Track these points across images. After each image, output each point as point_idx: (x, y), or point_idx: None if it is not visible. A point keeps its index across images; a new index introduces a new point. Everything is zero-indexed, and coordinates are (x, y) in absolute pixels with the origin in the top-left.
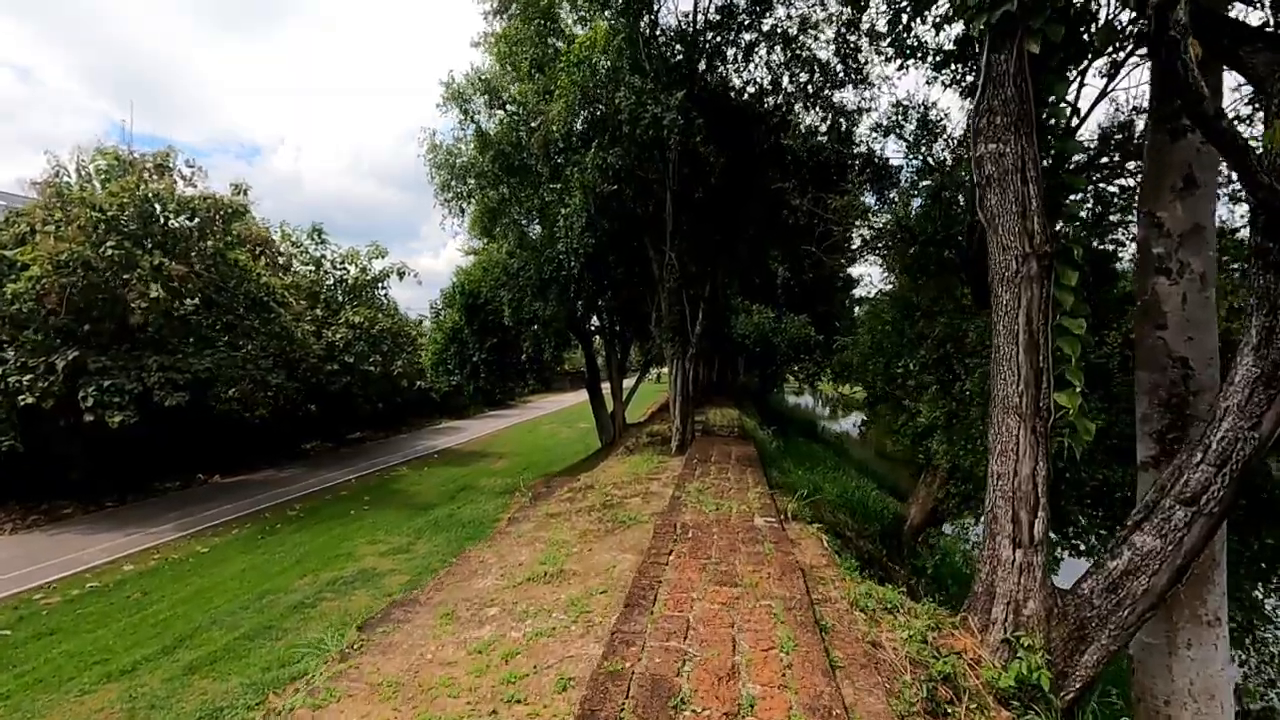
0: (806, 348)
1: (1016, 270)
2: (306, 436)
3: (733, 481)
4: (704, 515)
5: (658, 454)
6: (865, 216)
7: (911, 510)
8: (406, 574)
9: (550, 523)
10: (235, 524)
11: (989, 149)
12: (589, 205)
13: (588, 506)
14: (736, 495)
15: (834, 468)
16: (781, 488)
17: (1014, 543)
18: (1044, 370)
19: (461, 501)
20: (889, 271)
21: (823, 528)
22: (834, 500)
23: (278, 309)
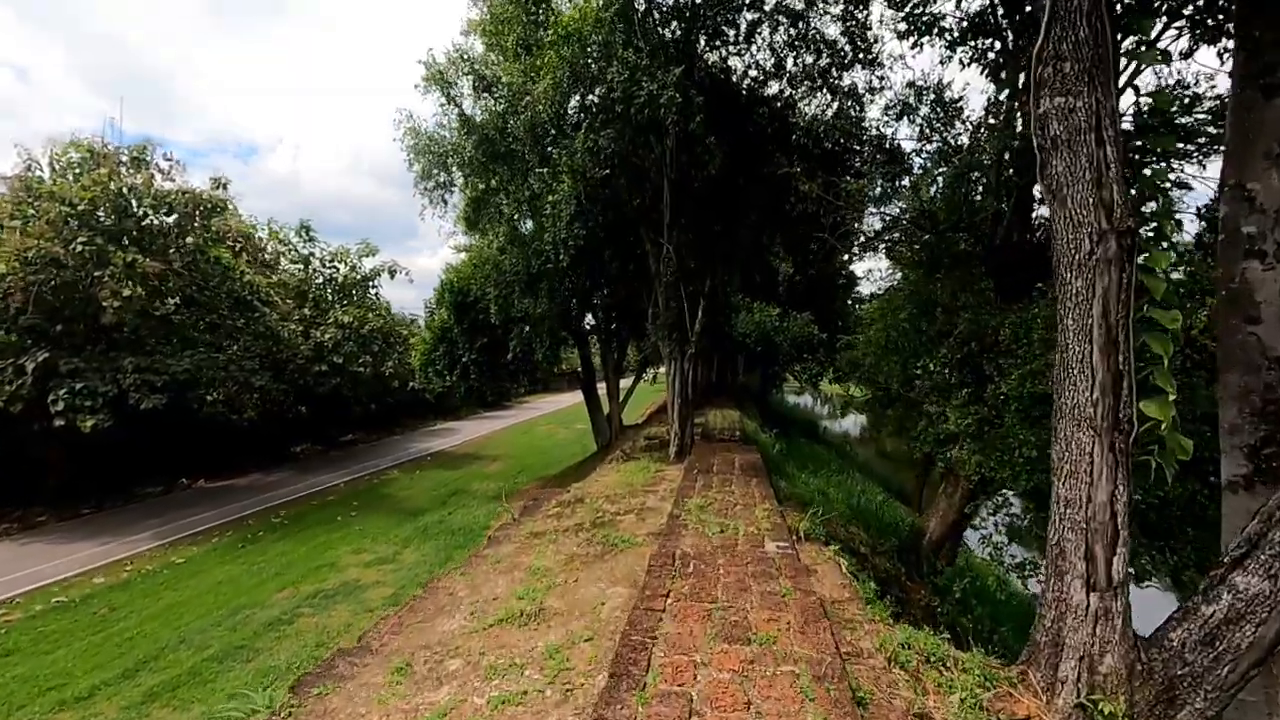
0: (810, 347)
1: (1090, 251)
2: (296, 439)
3: (737, 495)
4: (707, 540)
5: (655, 461)
6: (881, 202)
7: (931, 523)
8: (391, 586)
9: (533, 544)
10: (216, 532)
11: (1055, 104)
12: (578, 192)
13: (576, 525)
14: (742, 512)
15: (839, 471)
16: (789, 500)
17: (1087, 584)
18: (1125, 374)
19: (453, 507)
20: (899, 266)
21: (839, 550)
22: (845, 513)
23: (262, 308)
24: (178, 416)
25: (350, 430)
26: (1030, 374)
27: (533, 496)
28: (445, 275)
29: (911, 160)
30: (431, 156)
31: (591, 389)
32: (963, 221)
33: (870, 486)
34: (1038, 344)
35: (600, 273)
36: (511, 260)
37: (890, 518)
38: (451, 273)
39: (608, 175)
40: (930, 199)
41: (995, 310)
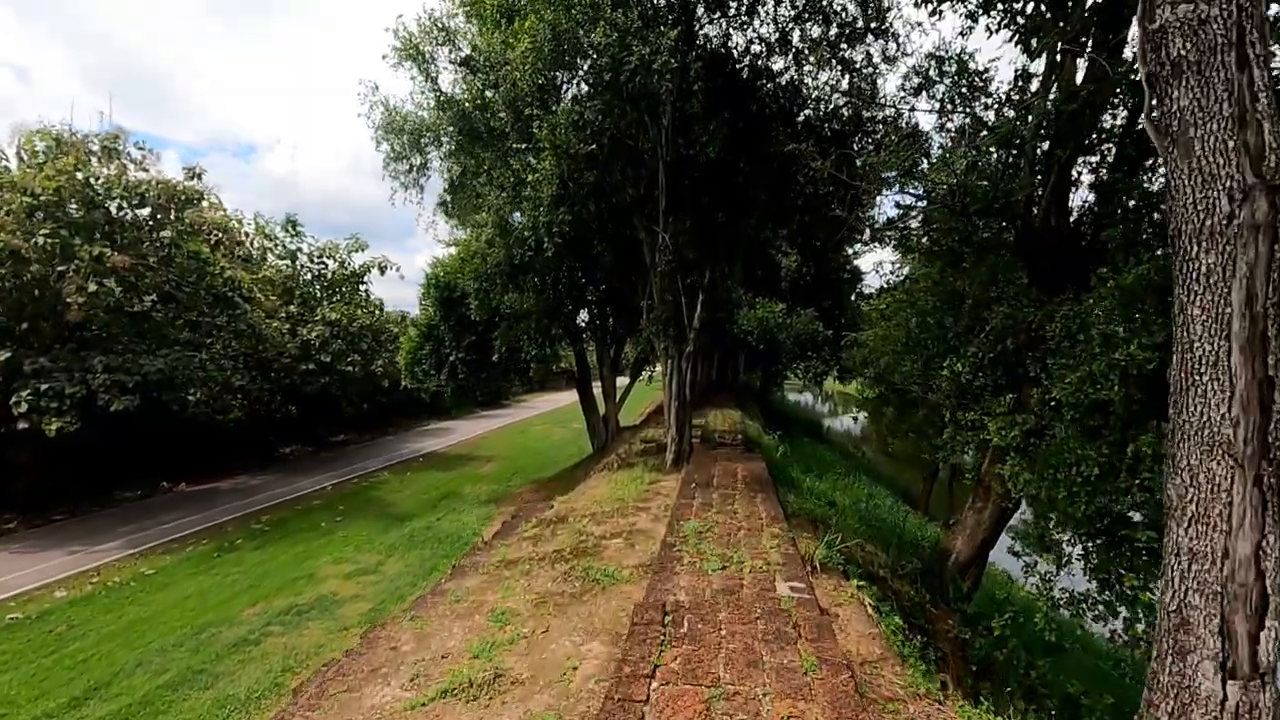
0: (814, 344)
1: (1229, 214)
2: (286, 439)
3: (740, 516)
4: (705, 580)
5: (650, 470)
6: (899, 182)
7: (957, 542)
8: (370, 601)
9: (503, 577)
10: (192, 539)
11: (1178, 14)
12: (561, 171)
13: (554, 552)
14: (747, 539)
15: (845, 474)
16: (798, 516)
17: (1222, 668)
18: (1277, 382)
19: (443, 511)
20: (916, 257)
21: (861, 583)
22: (858, 528)
23: (243, 304)
24: (160, 417)
25: (342, 430)
26: (1089, 377)
27: (524, 501)
28: (430, 270)
29: (930, 140)
30: (404, 136)
31: (587, 388)
32: (996, 203)
33: (878, 490)
34: (1096, 341)
35: (592, 265)
36: (494, 251)
37: (910, 534)
38: (438, 267)
39: (594, 153)
40: (964, 174)
41: (1035, 303)
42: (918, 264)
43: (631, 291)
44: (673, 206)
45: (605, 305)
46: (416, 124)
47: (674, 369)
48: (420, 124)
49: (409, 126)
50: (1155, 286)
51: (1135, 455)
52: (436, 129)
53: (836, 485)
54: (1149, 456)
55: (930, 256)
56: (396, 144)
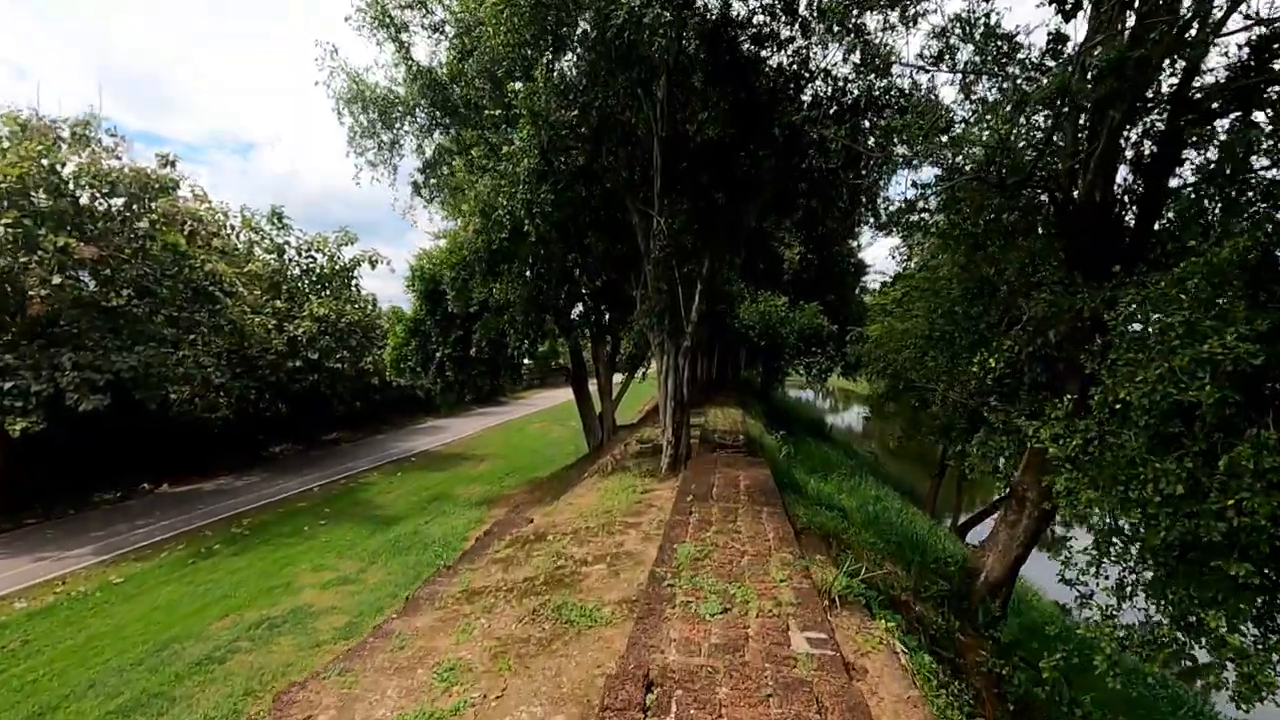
0: (818, 339)
1: None
2: (275, 438)
3: (744, 536)
4: (703, 630)
5: (644, 475)
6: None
7: (987, 560)
8: (347, 614)
9: (461, 614)
10: (168, 544)
11: None
12: (541, 141)
13: (525, 581)
14: (752, 568)
15: (850, 474)
16: (809, 532)
17: None
18: None
19: (432, 514)
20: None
21: (891, 623)
22: (874, 542)
23: (224, 299)
24: (142, 416)
25: (334, 429)
26: (1168, 374)
27: (516, 503)
28: (415, 262)
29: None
30: (373, 109)
31: (582, 386)
32: (1039, 172)
33: (886, 492)
34: (1178, 330)
35: (584, 254)
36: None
37: (933, 549)
38: (423, 258)
39: (579, 122)
40: (1004, 137)
41: (1079, 289)
42: (932, 251)
43: (626, 283)
44: (669, 188)
45: (600, 298)
46: (385, 96)
47: (670, 365)
48: (390, 97)
49: (377, 98)
50: (1255, 263)
51: (1230, 469)
52: (409, 102)
53: (842, 487)
54: (1249, 471)
55: (955, 240)
56: (363, 118)
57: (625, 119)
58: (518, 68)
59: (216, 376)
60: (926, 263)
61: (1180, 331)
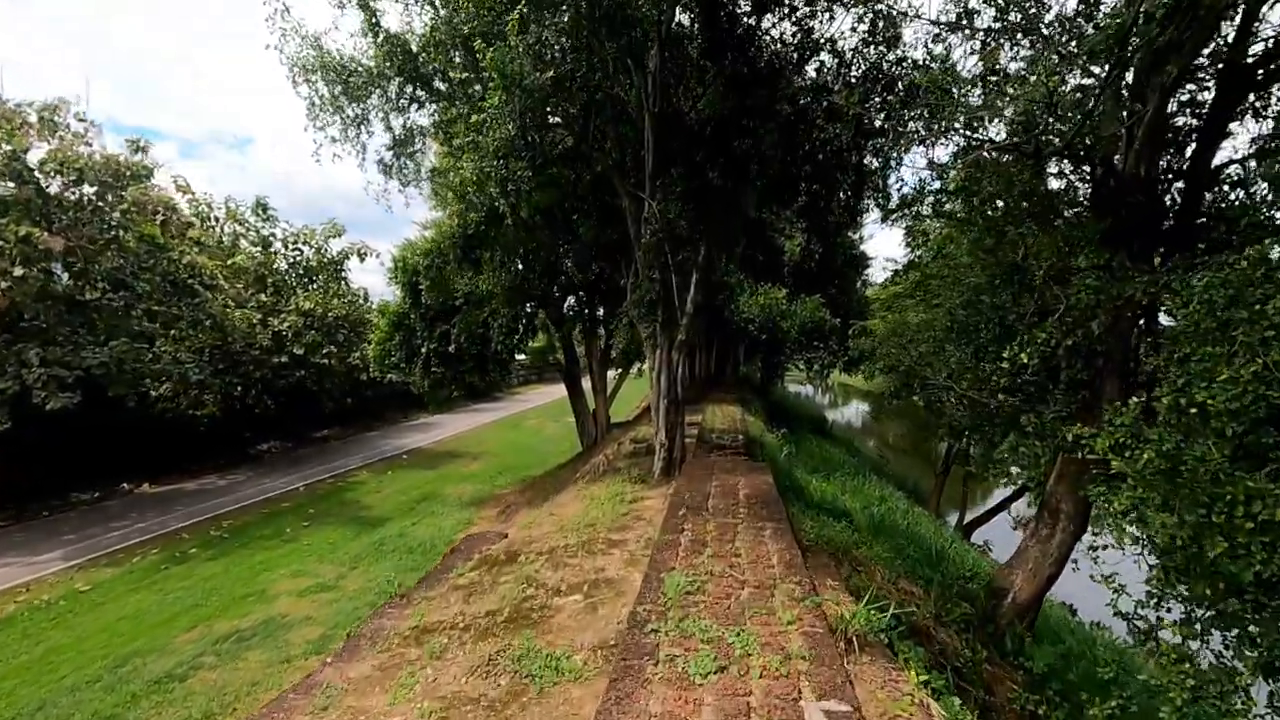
0: (821, 334)
1: None
2: (263, 436)
3: (744, 562)
4: (693, 699)
5: (634, 481)
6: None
7: (1014, 578)
8: (322, 625)
9: (405, 661)
10: (142, 548)
11: None
12: (513, 104)
13: (486, 616)
14: (754, 604)
15: (854, 473)
16: (817, 548)
17: None
18: None
19: (420, 515)
20: (950, 224)
21: (922, 676)
22: (889, 557)
23: (204, 292)
24: (123, 413)
25: (325, 426)
26: (1261, 375)
27: (507, 504)
28: (398, 253)
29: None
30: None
31: (575, 382)
32: (1080, 140)
33: (890, 493)
34: (1273, 320)
35: (573, 242)
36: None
37: (954, 564)
38: (407, 249)
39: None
40: (1050, 93)
41: (1135, 272)
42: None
43: (618, 273)
44: (662, 168)
45: (592, 290)
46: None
47: (662, 361)
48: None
49: (339, 67)
50: None
51: None
52: (377, 74)
53: (845, 487)
54: None
55: (980, 222)
56: (324, 89)
57: (614, 93)
58: (493, 32)
59: (195, 373)
60: (942, 249)
61: (1274, 321)
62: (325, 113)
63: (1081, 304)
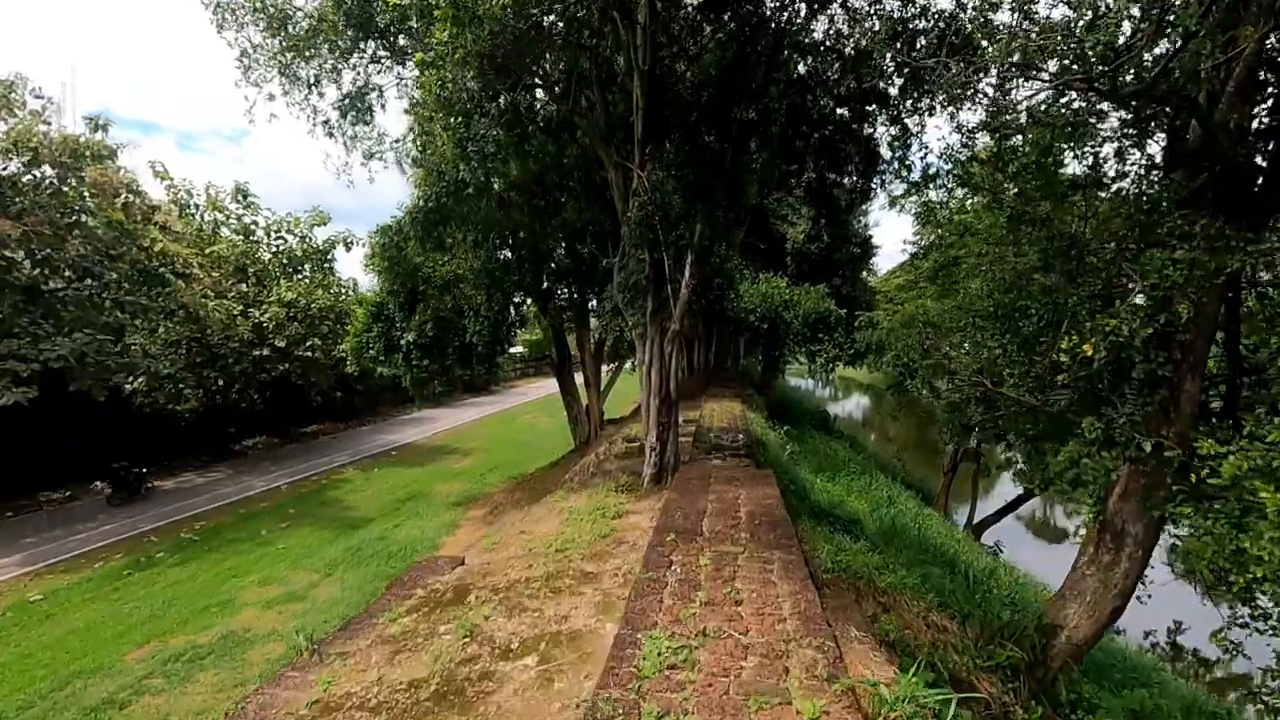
0: (825, 325)
1: None
2: (249, 431)
3: (748, 607)
4: None
5: (621, 491)
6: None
7: (1069, 612)
8: (286, 640)
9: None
10: (105, 552)
11: None
12: (466, 42)
13: (408, 690)
14: (760, 684)
15: (860, 472)
16: (834, 578)
17: None
18: None
19: (404, 516)
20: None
21: None
22: (916, 584)
23: (175, 281)
24: (99, 408)
25: (315, 420)
26: None
27: (495, 504)
28: (373, 237)
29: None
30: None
31: (567, 376)
32: (1164, 81)
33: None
34: None
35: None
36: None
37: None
38: (381, 233)
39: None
40: (1163, 7)
41: (1238, 240)
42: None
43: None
44: (652, 134)
45: (583, 279)
46: (284, 8)
47: (653, 354)
48: (294, 12)
49: (275, 10)
50: None
51: None
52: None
53: (851, 488)
54: None
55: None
56: (258, 38)
57: (602, 53)
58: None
59: (166, 367)
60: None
61: None
62: (260, 66)
63: (1167, 282)
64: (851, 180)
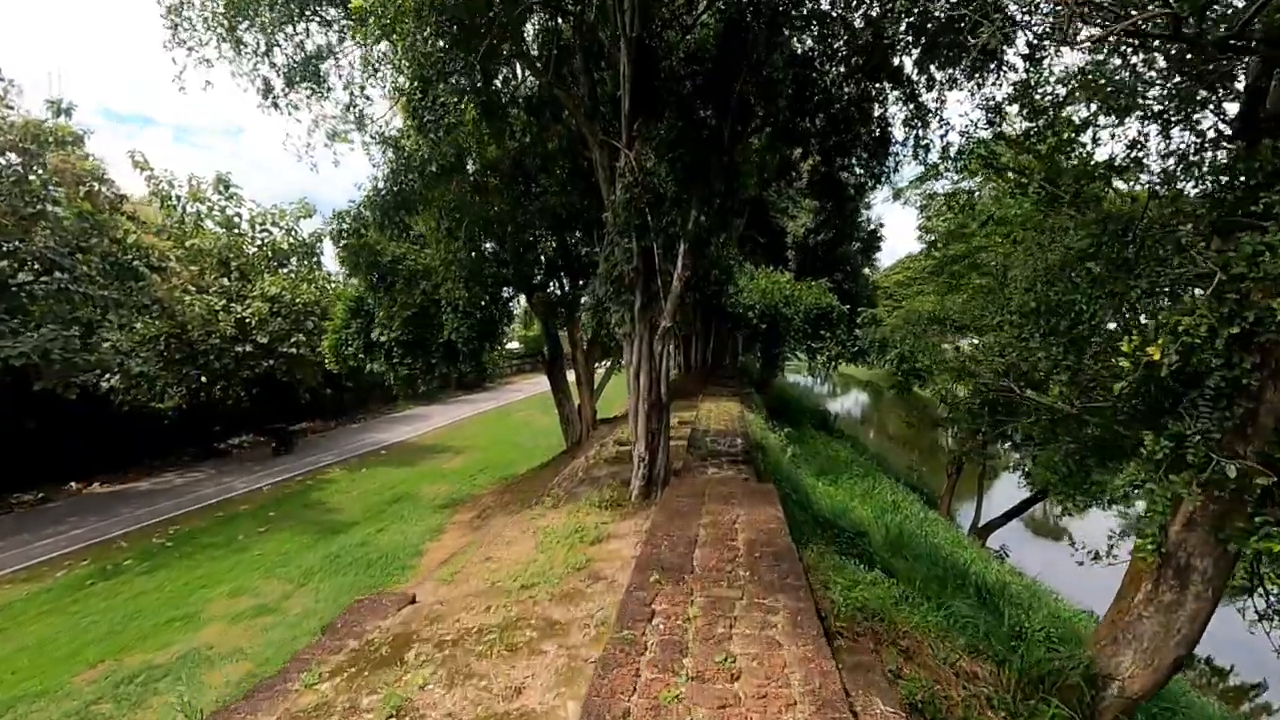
0: (828, 321)
1: None
2: (235, 430)
3: (747, 681)
4: None
5: (605, 507)
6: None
7: (1121, 660)
8: (252, 660)
9: None
10: (71, 559)
11: None
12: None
13: None
14: None
15: (864, 474)
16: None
17: None
18: None
19: (389, 520)
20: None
21: None
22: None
23: (149, 275)
24: (76, 407)
25: (305, 418)
26: None
27: (484, 507)
28: (330, 223)
29: None
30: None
31: (559, 373)
32: (1259, 22)
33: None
34: None
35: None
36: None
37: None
38: (338, 218)
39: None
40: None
41: None
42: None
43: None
44: (641, 108)
45: (576, 273)
46: None
47: (642, 354)
48: None
49: None
50: None
51: None
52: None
53: (854, 492)
54: None
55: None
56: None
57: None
58: None
59: (138, 364)
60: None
61: None
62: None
63: (1259, 271)
64: (862, 162)
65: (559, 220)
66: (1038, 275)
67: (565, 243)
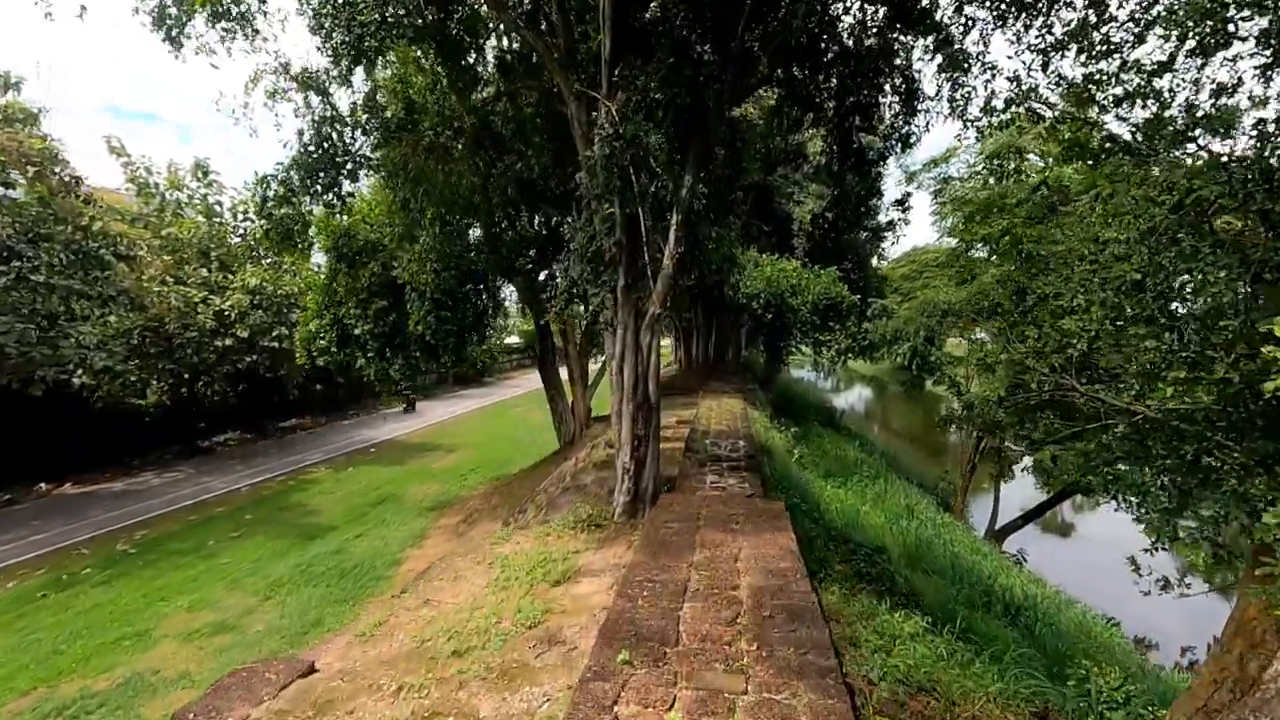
0: (837, 312)
1: None
2: (221, 427)
3: None
4: None
5: (581, 530)
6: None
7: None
8: (199, 685)
9: None
10: (27, 567)
11: None
12: None
13: None
14: None
15: (875, 475)
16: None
17: None
18: None
19: (371, 523)
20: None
21: None
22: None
23: (115, 264)
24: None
25: (293, 415)
26: None
27: (473, 509)
28: (248, 188)
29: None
30: None
31: (551, 370)
32: None
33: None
34: None
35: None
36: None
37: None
38: (260, 183)
39: None
40: None
41: None
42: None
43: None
44: (624, 50)
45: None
46: None
47: (626, 344)
48: None
49: None
50: None
51: None
52: None
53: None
54: None
55: None
56: None
57: None
58: None
59: (104, 358)
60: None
61: None
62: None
63: None
64: (884, 125)
65: (539, 195)
66: (1143, 237)
67: (550, 222)
